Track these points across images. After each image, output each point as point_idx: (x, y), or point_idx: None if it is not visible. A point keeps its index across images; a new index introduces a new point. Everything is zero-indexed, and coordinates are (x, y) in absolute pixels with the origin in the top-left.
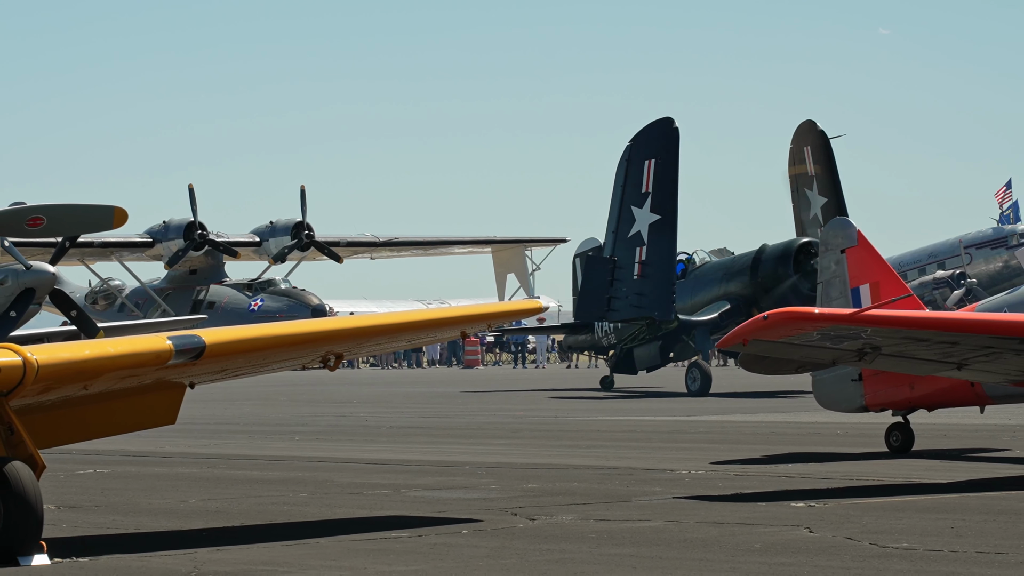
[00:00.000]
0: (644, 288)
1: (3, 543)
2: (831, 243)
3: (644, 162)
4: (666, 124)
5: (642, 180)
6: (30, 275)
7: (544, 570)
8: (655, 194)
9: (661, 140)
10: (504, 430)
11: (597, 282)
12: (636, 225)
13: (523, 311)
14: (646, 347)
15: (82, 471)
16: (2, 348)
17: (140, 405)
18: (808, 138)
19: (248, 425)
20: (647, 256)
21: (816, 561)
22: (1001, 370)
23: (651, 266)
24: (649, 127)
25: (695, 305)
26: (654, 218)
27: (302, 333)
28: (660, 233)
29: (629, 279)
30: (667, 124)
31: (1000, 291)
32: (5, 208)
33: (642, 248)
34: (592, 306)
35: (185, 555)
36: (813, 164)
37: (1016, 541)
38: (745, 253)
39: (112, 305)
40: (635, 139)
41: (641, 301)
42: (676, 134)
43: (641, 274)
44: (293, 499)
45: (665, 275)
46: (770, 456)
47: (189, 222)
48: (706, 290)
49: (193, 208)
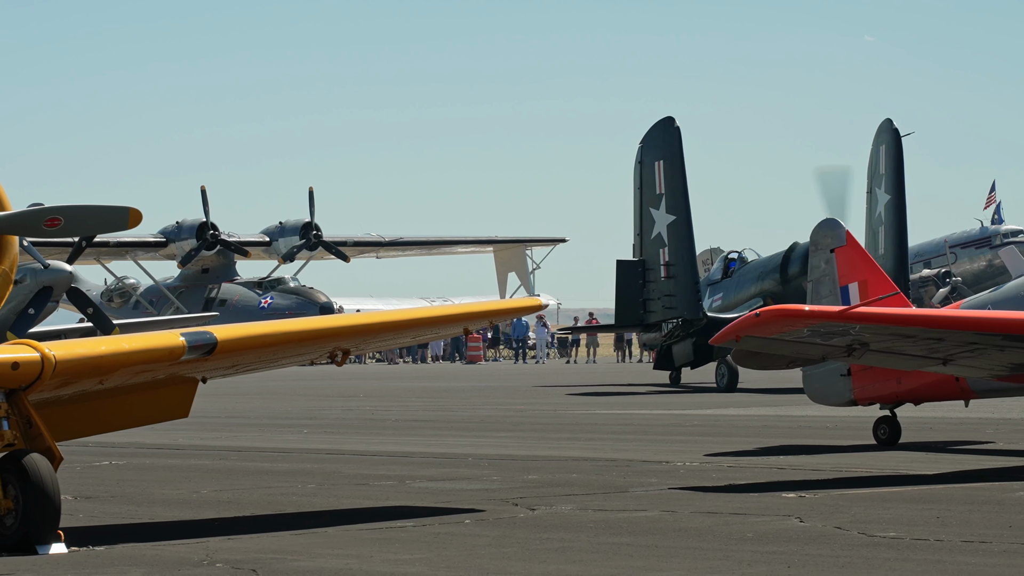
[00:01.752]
0: (671, 288)
1: (22, 532)
2: (821, 243)
3: (654, 164)
4: (667, 124)
5: (655, 182)
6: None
7: (544, 558)
8: (668, 195)
9: (665, 140)
10: (505, 423)
11: (630, 285)
12: (656, 227)
13: (523, 309)
14: (681, 345)
15: (98, 463)
16: (21, 344)
17: (154, 399)
18: (884, 136)
19: (258, 418)
20: (669, 257)
21: (806, 550)
22: (985, 365)
23: (675, 266)
24: (653, 128)
25: (736, 303)
26: (671, 219)
27: (310, 330)
28: (678, 233)
29: (658, 280)
30: (668, 124)
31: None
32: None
33: (664, 249)
34: (627, 308)
35: (197, 544)
36: (884, 163)
37: (999, 530)
38: (778, 252)
39: (127, 303)
40: (644, 141)
41: (671, 301)
42: (678, 133)
43: (667, 275)
44: (302, 490)
45: (688, 275)
46: (762, 448)
47: (201, 223)
48: (744, 288)
49: (205, 209)
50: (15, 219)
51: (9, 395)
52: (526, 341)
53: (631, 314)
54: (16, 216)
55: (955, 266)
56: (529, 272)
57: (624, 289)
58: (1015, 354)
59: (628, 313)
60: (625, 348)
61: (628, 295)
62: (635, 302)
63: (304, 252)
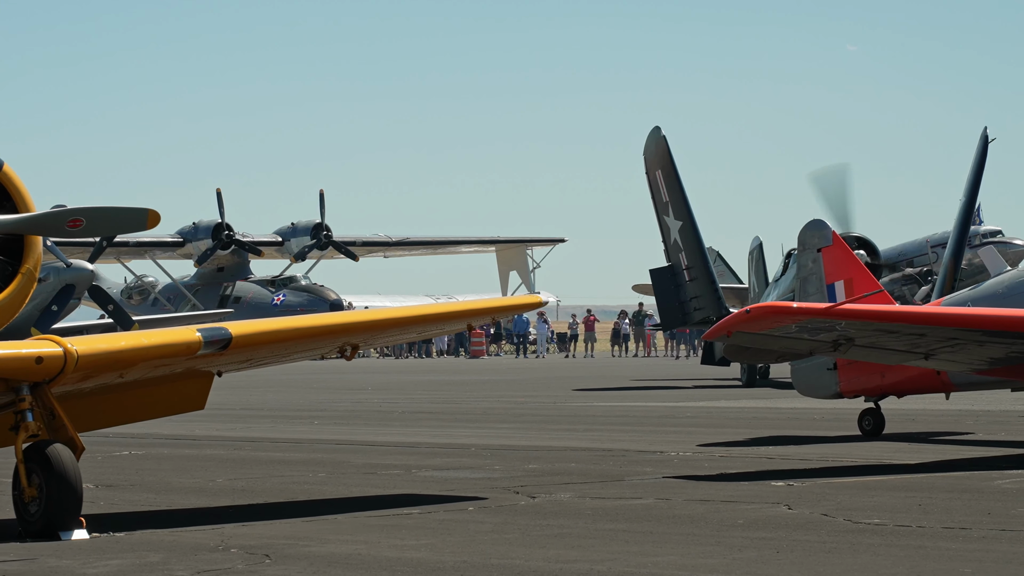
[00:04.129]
0: (695, 290)
1: (46, 519)
2: (808, 243)
3: (656, 173)
4: (655, 133)
5: (660, 190)
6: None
7: (544, 543)
8: (671, 202)
9: (657, 149)
10: (507, 415)
11: (666, 290)
12: (672, 233)
13: (524, 306)
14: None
15: (118, 453)
16: (45, 339)
17: (172, 392)
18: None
19: (271, 410)
20: (687, 261)
21: (795, 536)
22: (965, 359)
23: (693, 269)
24: (648, 139)
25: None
26: (679, 224)
27: (321, 326)
28: (687, 238)
29: (685, 283)
30: (656, 133)
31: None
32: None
33: (682, 254)
34: (668, 312)
35: (213, 530)
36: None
37: (978, 517)
38: None
39: (146, 300)
40: (644, 152)
41: (698, 303)
42: (665, 141)
43: (690, 278)
44: (312, 478)
45: (705, 275)
46: (752, 439)
47: (217, 223)
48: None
49: (221, 210)
50: (39, 220)
51: (33, 388)
52: (527, 336)
53: (673, 318)
54: (40, 217)
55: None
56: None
57: (662, 295)
58: (993, 349)
59: (670, 317)
60: (621, 343)
61: (666, 300)
62: (674, 305)
63: (315, 251)
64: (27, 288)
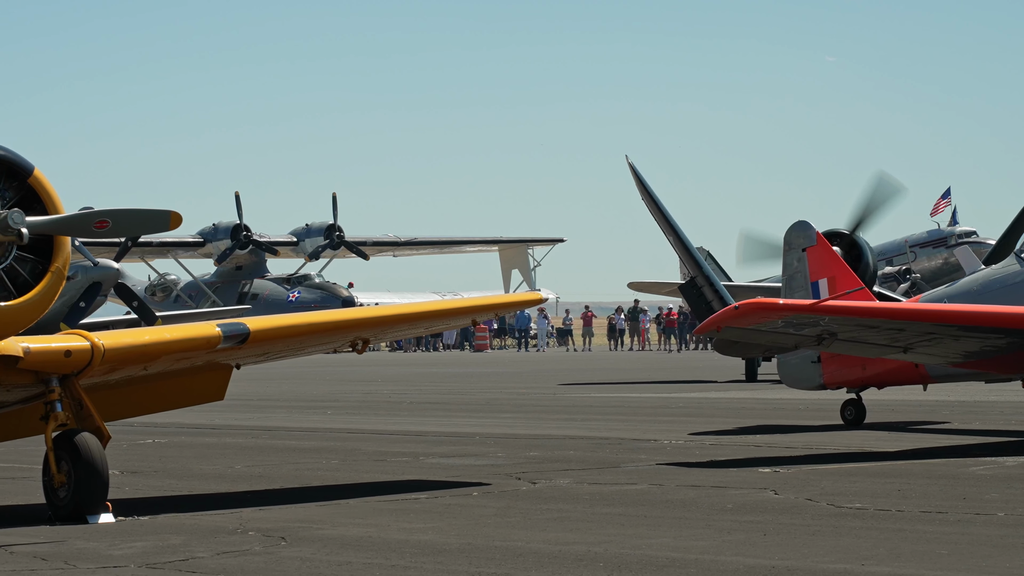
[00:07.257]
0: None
1: (74, 503)
2: (794, 243)
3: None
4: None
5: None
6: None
7: (544, 526)
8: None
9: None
10: (510, 405)
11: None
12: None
13: (526, 302)
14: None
15: (142, 441)
16: (73, 334)
17: (193, 384)
18: None
19: (287, 401)
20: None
21: (780, 519)
22: (941, 353)
23: (698, 278)
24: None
25: None
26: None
27: (334, 321)
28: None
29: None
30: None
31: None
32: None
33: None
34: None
35: (232, 514)
36: None
37: (954, 502)
38: None
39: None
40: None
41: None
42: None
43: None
44: (326, 465)
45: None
46: (741, 428)
47: (235, 224)
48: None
49: (239, 212)
50: (68, 221)
51: (63, 380)
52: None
53: None
54: (69, 219)
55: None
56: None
57: (694, 306)
58: (968, 343)
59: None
60: (617, 338)
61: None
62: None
63: (328, 251)
64: (57, 285)
